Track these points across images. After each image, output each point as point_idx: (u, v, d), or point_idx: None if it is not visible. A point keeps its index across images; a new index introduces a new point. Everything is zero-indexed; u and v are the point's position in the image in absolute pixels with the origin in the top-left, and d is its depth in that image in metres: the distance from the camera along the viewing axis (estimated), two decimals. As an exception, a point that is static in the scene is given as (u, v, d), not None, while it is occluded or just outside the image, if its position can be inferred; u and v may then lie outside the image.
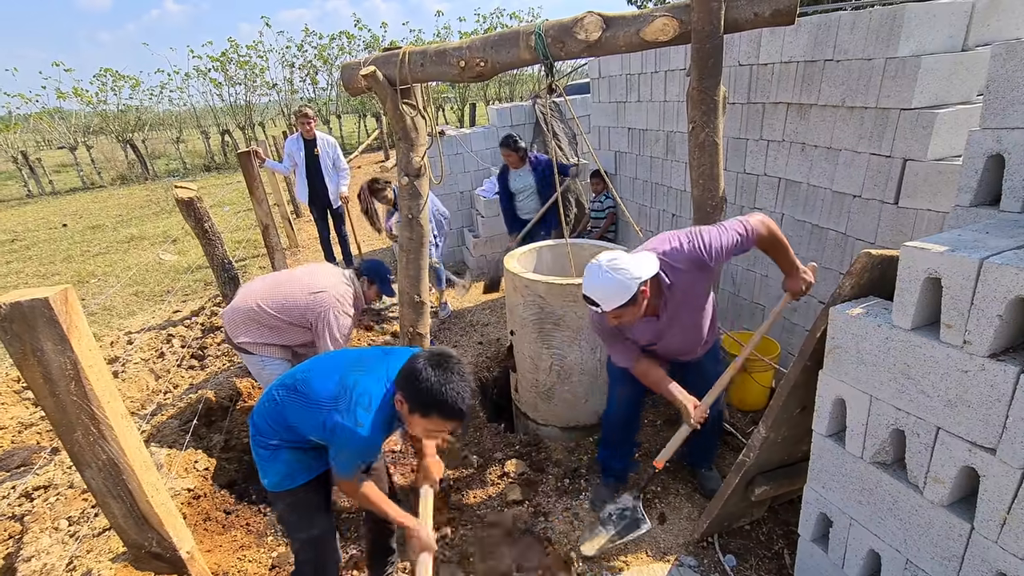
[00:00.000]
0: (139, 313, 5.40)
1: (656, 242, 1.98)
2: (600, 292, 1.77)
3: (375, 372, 1.71)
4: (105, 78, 16.06)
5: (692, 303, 2.03)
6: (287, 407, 1.75)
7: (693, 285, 1.95)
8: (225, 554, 2.38)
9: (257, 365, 2.75)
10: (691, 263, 1.88)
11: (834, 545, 1.76)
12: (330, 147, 5.31)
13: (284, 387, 1.79)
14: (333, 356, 1.86)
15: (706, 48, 2.30)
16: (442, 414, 1.55)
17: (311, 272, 2.79)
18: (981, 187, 1.51)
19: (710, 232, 1.90)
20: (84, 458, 1.67)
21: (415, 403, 1.56)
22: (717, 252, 1.87)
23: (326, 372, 1.75)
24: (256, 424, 1.84)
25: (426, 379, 1.52)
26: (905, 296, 1.34)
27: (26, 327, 1.45)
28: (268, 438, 1.80)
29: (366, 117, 20.76)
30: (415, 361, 1.58)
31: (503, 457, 2.88)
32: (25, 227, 10.12)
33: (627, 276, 1.73)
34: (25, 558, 2.20)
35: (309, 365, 1.84)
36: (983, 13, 2.26)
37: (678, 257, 1.89)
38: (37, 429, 3.34)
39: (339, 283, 2.74)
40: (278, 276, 2.83)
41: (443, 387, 1.51)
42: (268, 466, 1.84)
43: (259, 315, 2.63)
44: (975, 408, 1.23)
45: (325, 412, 1.63)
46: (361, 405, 1.60)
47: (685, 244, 1.90)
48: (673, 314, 2.01)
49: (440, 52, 3.02)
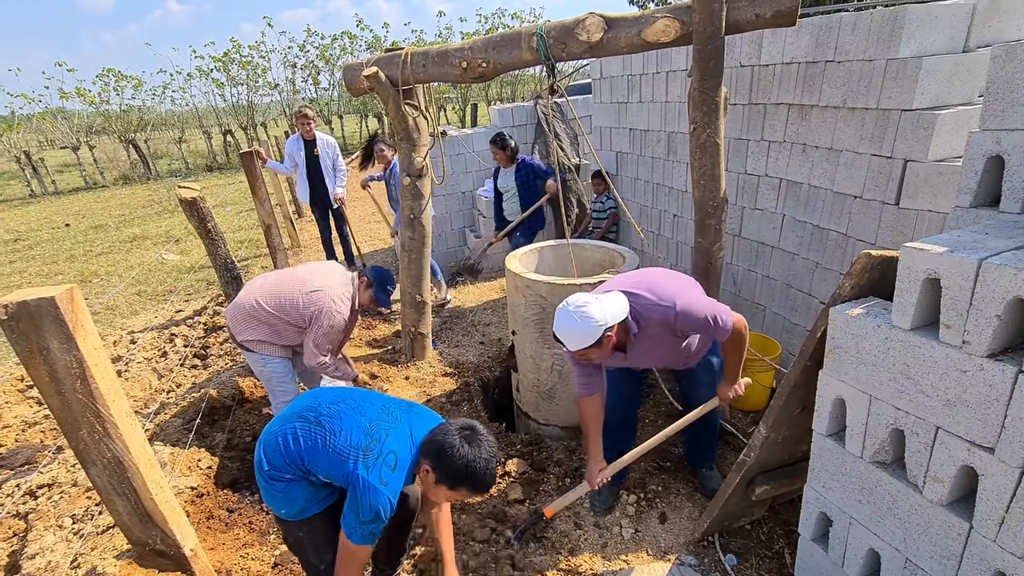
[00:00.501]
0: (142, 313, 5.42)
1: (643, 280, 2.00)
2: (566, 335, 1.85)
3: (400, 427, 1.67)
4: (108, 78, 16.12)
5: (664, 345, 2.07)
6: (306, 445, 1.66)
7: (662, 336, 2.00)
8: (228, 552, 2.39)
9: (259, 363, 2.77)
10: (659, 323, 1.94)
11: (834, 544, 1.77)
12: (330, 147, 5.34)
13: (305, 420, 1.70)
14: (357, 394, 1.81)
15: (707, 49, 2.31)
16: (472, 488, 1.59)
17: (312, 271, 2.79)
18: (981, 188, 1.51)
19: (693, 303, 1.91)
20: (89, 456, 1.69)
21: (445, 476, 1.56)
22: (689, 326, 1.92)
23: (354, 412, 1.68)
24: (267, 459, 1.72)
25: (460, 456, 1.53)
26: (905, 296, 1.34)
27: (32, 326, 1.47)
28: (282, 472, 1.71)
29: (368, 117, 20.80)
30: (446, 436, 1.57)
31: (504, 456, 2.88)
32: (28, 227, 10.16)
33: (592, 324, 1.79)
34: (29, 555, 2.22)
35: (332, 399, 1.76)
36: (984, 14, 2.26)
37: (651, 312, 1.93)
38: (41, 428, 3.36)
39: (337, 283, 2.74)
40: (281, 274, 2.84)
41: (475, 463, 1.54)
42: (281, 498, 1.75)
43: (258, 312, 2.64)
44: (974, 408, 1.24)
45: (350, 461, 1.58)
46: (388, 464, 1.57)
47: (664, 303, 1.91)
48: (641, 352, 2.07)
49: (442, 53, 3.03)
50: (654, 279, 2.02)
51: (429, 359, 4.03)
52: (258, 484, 1.79)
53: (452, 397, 3.57)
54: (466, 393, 3.62)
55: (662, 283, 1.98)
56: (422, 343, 4.01)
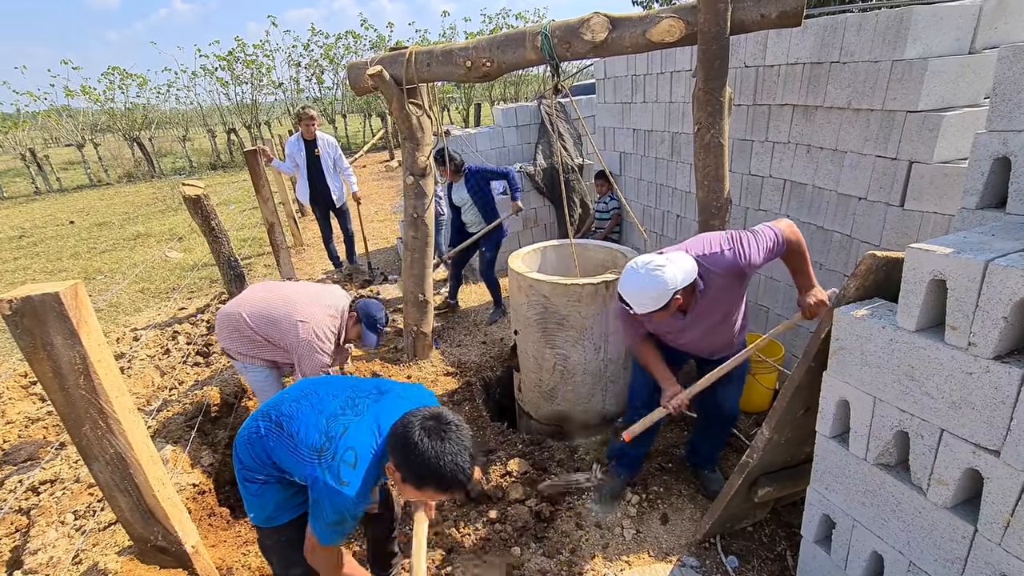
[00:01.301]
0: (145, 310, 5.43)
1: (696, 243, 1.98)
2: (635, 297, 1.81)
3: (365, 417, 1.53)
4: (113, 76, 16.15)
5: (722, 307, 2.04)
6: (271, 443, 1.58)
7: (726, 290, 1.97)
8: (229, 549, 2.40)
9: (242, 370, 2.71)
10: (728, 270, 1.89)
11: (837, 547, 1.76)
12: (331, 147, 5.34)
13: (268, 420, 1.62)
14: (324, 387, 1.67)
15: (712, 49, 2.30)
16: (439, 486, 1.39)
17: (305, 296, 2.63)
18: (987, 190, 1.50)
19: (749, 240, 1.90)
20: (92, 452, 1.69)
21: (409, 474, 1.38)
22: (755, 260, 1.89)
23: (313, 410, 1.57)
24: (239, 457, 1.66)
25: (422, 450, 1.34)
26: (910, 298, 1.34)
27: (37, 321, 1.47)
28: (255, 472, 1.65)
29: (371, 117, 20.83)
30: (409, 428, 1.38)
31: (506, 456, 2.88)
32: (33, 224, 10.20)
33: (663, 286, 1.76)
34: (32, 551, 2.22)
35: (296, 395, 1.66)
36: (991, 16, 2.25)
37: (717, 263, 1.90)
38: (44, 424, 3.37)
39: (325, 316, 2.58)
40: (275, 291, 2.68)
41: (440, 459, 1.34)
42: (254, 501, 1.68)
43: (240, 325, 2.56)
44: (979, 410, 1.23)
45: (308, 464, 1.47)
46: (346, 462, 1.43)
47: (727, 250, 1.90)
48: (700, 314, 2.03)
49: (446, 52, 3.03)
50: (708, 238, 1.98)
51: (431, 358, 4.03)
52: None
53: (454, 396, 3.57)
54: (468, 393, 3.62)
55: (717, 237, 1.95)
56: (424, 342, 4.01)
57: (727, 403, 2.32)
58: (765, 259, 1.91)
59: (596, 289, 2.68)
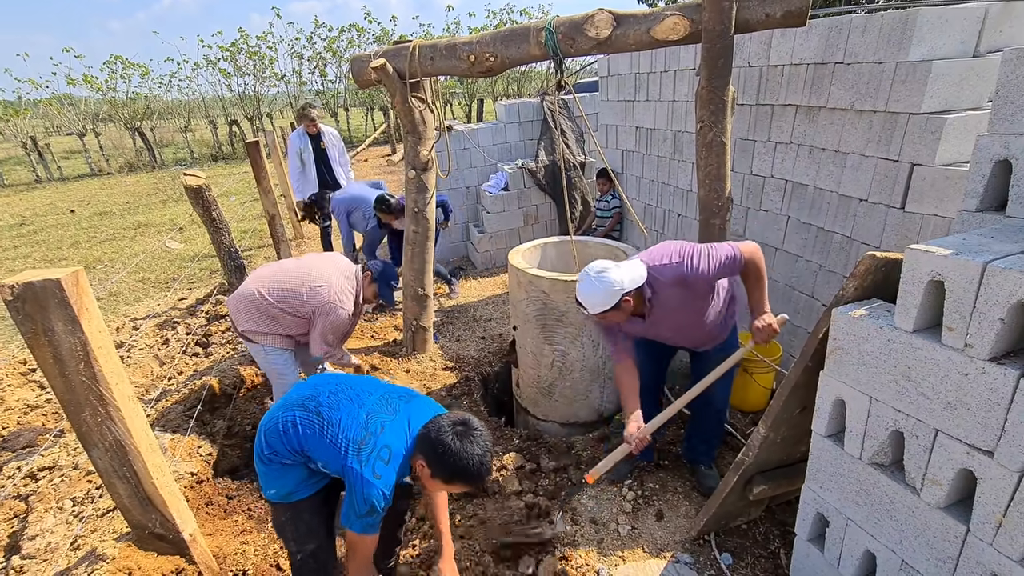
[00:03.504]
0: (145, 300, 5.44)
1: (655, 252, 2.09)
2: (588, 298, 1.97)
3: (398, 419, 1.67)
4: (115, 65, 16.08)
5: (681, 313, 2.11)
6: (306, 432, 1.68)
7: (678, 298, 2.06)
8: (226, 538, 2.41)
9: (260, 354, 2.78)
10: (674, 280, 2.00)
11: (830, 545, 1.78)
12: (335, 139, 5.38)
13: (305, 410, 1.71)
14: (362, 385, 1.80)
15: (716, 48, 2.30)
16: (467, 482, 1.61)
17: (317, 263, 2.79)
18: (988, 192, 1.51)
19: (704, 253, 2.00)
20: (91, 438, 1.70)
21: (440, 470, 1.58)
22: (705, 273, 1.98)
23: (352, 403, 1.69)
24: (268, 443, 1.74)
25: (454, 452, 1.54)
26: (908, 298, 1.34)
27: (38, 307, 1.48)
28: (281, 457, 1.74)
29: (374, 111, 20.76)
30: (440, 432, 1.58)
31: (502, 451, 2.89)
32: (33, 212, 10.19)
33: (610, 287, 1.91)
34: (30, 537, 2.23)
35: (332, 387, 1.77)
36: (996, 19, 2.25)
37: (664, 272, 2.01)
38: (43, 411, 3.37)
39: (341, 278, 2.74)
40: (284, 264, 2.84)
41: (469, 458, 1.55)
42: (275, 480, 1.78)
43: (259, 302, 2.65)
44: (974, 411, 1.24)
45: (345, 455, 1.59)
46: (381, 458, 1.58)
47: (676, 262, 2.00)
48: (658, 318, 2.11)
49: (450, 46, 3.03)
50: (663, 247, 2.10)
51: (430, 353, 4.03)
52: (255, 467, 1.81)
53: (452, 391, 3.58)
54: (466, 387, 3.63)
55: (676, 248, 2.06)
56: (423, 336, 4.02)
57: (715, 396, 2.37)
58: (717, 273, 2.00)
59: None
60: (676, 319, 2.14)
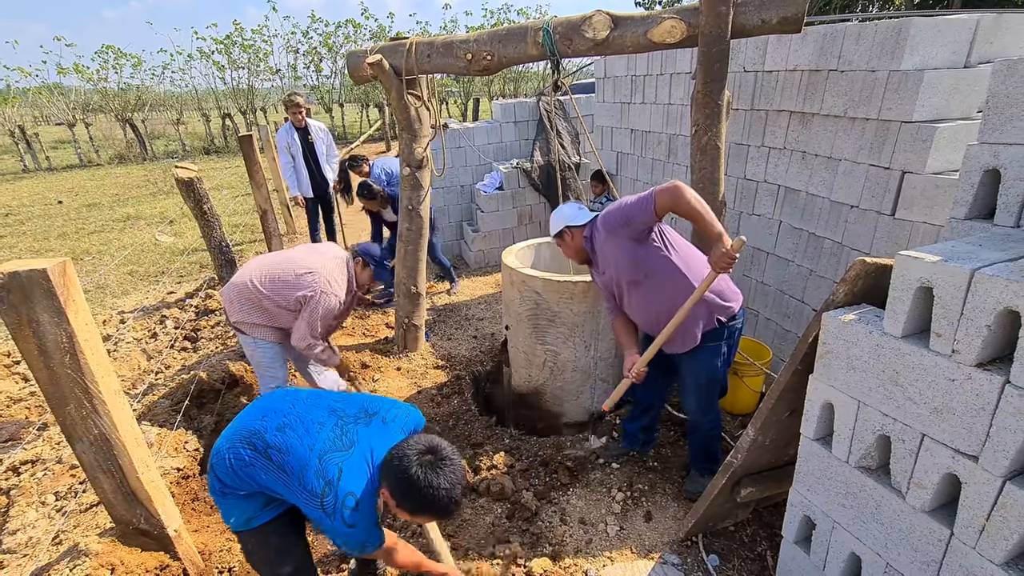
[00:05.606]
0: (133, 293, 5.38)
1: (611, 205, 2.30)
2: (550, 225, 2.43)
3: (356, 453, 1.51)
4: (107, 55, 15.89)
5: (623, 264, 2.22)
6: (259, 472, 1.54)
7: (612, 248, 2.22)
8: (212, 535, 2.38)
9: (250, 347, 2.76)
10: (603, 227, 2.22)
11: (816, 547, 1.79)
12: (323, 133, 5.34)
13: (253, 448, 1.56)
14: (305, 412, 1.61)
15: (712, 52, 2.31)
16: (434, 515, 1.50)
17: (308, 252, 2.78)
18: (977, 201, 1.53)
19: (621, 200, 2.19)
20: (76, 432, 1.67)
21: (405, 502, 1.44)
22: (615, 215, 2.15)
23: (302, 444, 1.51)
24: (219, 478, 1.60)
25: (420, 485, 1.39)
26: (897, 304, 1.36)
27: (23, 297, 1.45)
28: (236, 490, 1.60)
29: (369, 107, 20.68)
30: (404, 461, 1.41)
31: (492, 450, 2.89)
32: (20, 202, 10.03)
33: (560, 216, 2.37)
34: (11, 531, 2.20)
35: (278, 422, 1.58)
36: (987, 31, 2.28)
37: (597, 221, 2.28)
38: (26, 404, 3.32)
39: (332, 265, 2.72)
40: (277, 255, 2.83)
41: (436, 491, 1.39)
42: (233, 510, 1.65)
43: (251, 293, 2.63)
44: (960, 416, 1.26)
45: (310, 508, 1.47)
46: (347, 507, 1.44)
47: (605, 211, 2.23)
48: (608, 268, 2.30)
49: (447, 44, 3.02)
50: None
51: (421, 351, 4.02)
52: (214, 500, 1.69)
53: (443, 390, 3.57)
54: (457, 386, 3.62)
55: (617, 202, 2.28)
56: (415, 335, 4.00)
57: (685, 406, 2.49)
58: (631, 211, 2.10)
59: (588, 287, 2.69)
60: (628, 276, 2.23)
